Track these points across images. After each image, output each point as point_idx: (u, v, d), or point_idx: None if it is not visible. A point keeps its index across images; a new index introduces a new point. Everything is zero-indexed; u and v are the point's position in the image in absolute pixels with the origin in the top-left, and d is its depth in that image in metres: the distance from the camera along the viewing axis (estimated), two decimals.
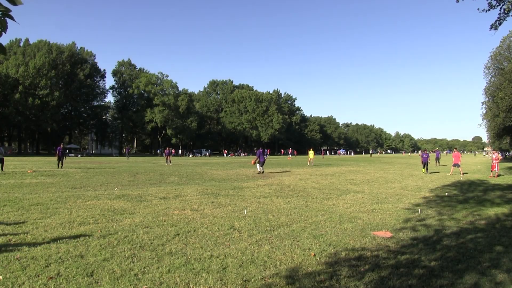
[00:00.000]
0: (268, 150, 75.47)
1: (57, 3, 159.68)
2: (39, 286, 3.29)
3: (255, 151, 20.07)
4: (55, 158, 23.76)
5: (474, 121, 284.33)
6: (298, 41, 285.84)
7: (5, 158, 17.69)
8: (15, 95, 54.46)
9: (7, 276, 3.49)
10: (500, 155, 20.42)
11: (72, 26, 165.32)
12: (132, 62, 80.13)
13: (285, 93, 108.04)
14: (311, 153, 30.47)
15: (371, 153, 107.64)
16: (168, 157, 29.61)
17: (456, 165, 19.64)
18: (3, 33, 1.72)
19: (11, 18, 1.74)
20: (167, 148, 31.18)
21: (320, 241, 5.02)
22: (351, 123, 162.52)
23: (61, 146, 22.29)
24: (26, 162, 26.88)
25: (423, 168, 20.63)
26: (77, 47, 69.48)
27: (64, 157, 23.07)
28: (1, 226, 5.60)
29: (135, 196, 9.26)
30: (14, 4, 1.71)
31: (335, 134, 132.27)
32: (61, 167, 21.00)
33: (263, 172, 18.44)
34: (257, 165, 18.93)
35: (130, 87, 76.57)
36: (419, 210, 7.66)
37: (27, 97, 55.56)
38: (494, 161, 18.98)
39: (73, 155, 56.03)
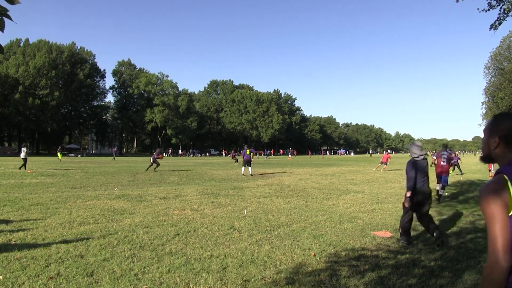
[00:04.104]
0: (271, 150, 75.58)
1: (57, 2, 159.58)
2: (39, 286, 3.29)
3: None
4: (55, 158, 23.47)
5: (474, 121, 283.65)
6: (298, 41, 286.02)
7: (5, 158, 17.71)
8: (15, 95, 54.46)
9: (7, 276, 3.49)
10: None
11: (72, 26, 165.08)
12: (132, 62, 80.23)
13: (285, 93, 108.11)
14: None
15: (371, 153, 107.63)
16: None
17: (383, 163, 22.90)
18: (0, 32, 1.72)
19: (9, 17, 1.73)
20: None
21: (320, 241, 5.02)
22: (351, 123, 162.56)
23: (158, 150, 19.78)
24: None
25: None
26: (77, 47, 69.53)
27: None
28: (1, 226, 5.61)
29: (135, 196, 9.26)
30: (12, 3, 1.71)
31: (335, 134, 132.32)
32: (154, 169, 19.08)
33: (251, 174, 17.04)
34: (243, 167, 17.34)
35: (130, 87, 76.58)
36: None
37: (27, 97, 55.54)
38: None
39: (73, 155, 56.06)
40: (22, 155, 18.37)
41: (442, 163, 9.70)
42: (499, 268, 1.25)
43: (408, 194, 4.99)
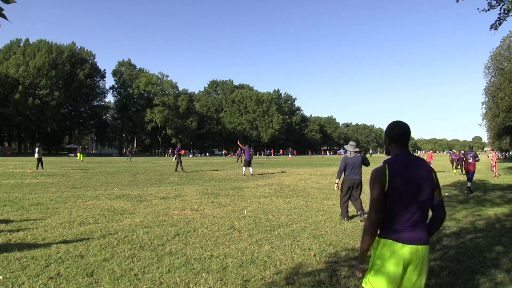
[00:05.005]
0: (271, 150, 75.75)
1: (57, 2, 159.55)
2: (39, 286, 3.29)
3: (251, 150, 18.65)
4: (54, 158, 23.48)
5: (474, 121, 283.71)
6: (298, 41, 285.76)
7: (5, 158, 17.83)
8: (15, 95, 54.46)
9: (7, 276, 3.49)
10: (494, 155, 20.63)
11: (72, 26, 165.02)
12: (132, 62, 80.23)
13: (285, 93, 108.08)
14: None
15: (371, 153, 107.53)
16: (240, 157, 30.50)
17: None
18: None
19: (4, 17, 1.73)
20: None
21: (320, 241, 5.02)
22: (351, 123, 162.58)
23: (179, 146, 20.06)
24: (26, 162, 26.88)
25: (455, 168, 20.62)
26: (77, 47, 69.57)
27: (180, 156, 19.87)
28: (1, 226, 5.61)
29: (135, 196, 9.26)
30: (7, 2, 1.71)
31: (335, 134, 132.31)
32: (182, 169, 19.34)
33: (252, 174, 17.25)
34: (244, 167, 17.45)
35: (130, 87, 76.60)
36: None
37: (27, 97, 55.55)
38: (491, 161, 19.33)
39: (73, 155, 56.03)
40: (36, 155, 18.86)
41: (469, 160, 11.65)
42: (372, 222, 1.98)
43: (336, 181, 6.88)
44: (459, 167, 20.40)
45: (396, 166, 2.03)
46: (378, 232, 2.06)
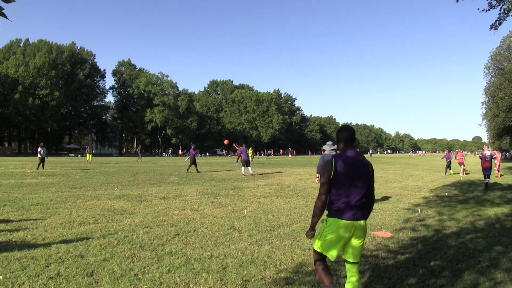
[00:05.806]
0: (271, 150, 75.81)
1: (57, 2, 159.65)
2: (39, 286, 3.29)
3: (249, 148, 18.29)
4: (55, 158, 23.48)
5: (474, 121, 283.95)
6: (298, 41, 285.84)
7: (5, 158, 17.84)
8: (15, 95, 54.46)
9: (7, 276, 3.49)
10: (498, 154, 20.52)
11: (72, 26, 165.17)
12: (132, 62, 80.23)
13: (285, 93, 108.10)
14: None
15: (371, 153, 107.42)
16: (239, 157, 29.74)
17: (462, 164, 20.64)
18: None
19: (4, 16, 1.74)
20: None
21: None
22: (351, 123, 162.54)
23: (193, 147, 19.74)
24: (26, 162, 26.88)
25: (449, 169, 20.34)
26: (77, 47, 69.58)
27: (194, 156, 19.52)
28: (1, 226, 5.60)
29: (135, 196, 9.26)
30: (7, 2, 1.71)
31: (335, 134, 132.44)
32: (187, 170, 19.20)
33: (251, 174, 17.31)
34: (242, 167, 17.46)
35: (130, 87, 76.62)
36: (419, 210, 7.66)
37: (27, 97, 55.55)
38: (495, 160, 19.24)
39: (73, 155, 56.05)
40: (40, 154, 18.95)
41: (486, 159, 12.90)
42: (322, 201, 2.64)
43: (317, 175, 8.06)
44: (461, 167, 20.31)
45: (341, 160, 2.61)
46: (326, 212, 2.68)
